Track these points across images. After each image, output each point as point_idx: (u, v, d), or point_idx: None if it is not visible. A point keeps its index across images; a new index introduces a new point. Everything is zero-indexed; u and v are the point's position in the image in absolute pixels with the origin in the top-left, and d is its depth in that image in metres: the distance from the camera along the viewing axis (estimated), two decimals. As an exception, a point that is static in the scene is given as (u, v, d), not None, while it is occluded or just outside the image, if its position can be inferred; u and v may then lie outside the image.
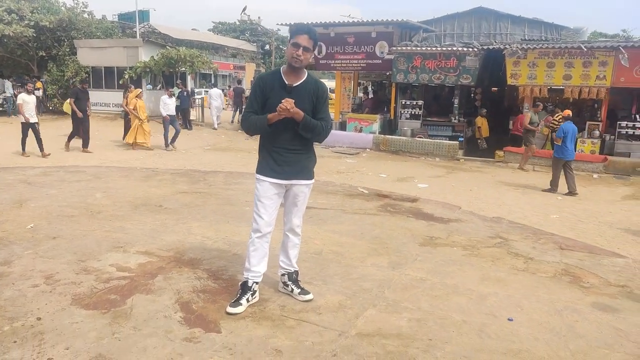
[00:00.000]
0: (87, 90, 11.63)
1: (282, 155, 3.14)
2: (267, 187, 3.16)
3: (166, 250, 4.31)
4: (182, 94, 16.23)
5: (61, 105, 17.61)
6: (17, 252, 4.11)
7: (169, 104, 11.66)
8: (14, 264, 3.84)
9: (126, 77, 17.41)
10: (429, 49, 12.93)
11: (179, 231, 4.91)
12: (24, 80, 19.54)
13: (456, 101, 13.16)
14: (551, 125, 11.17)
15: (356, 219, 5.80)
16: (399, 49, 13.09)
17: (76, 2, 20.35)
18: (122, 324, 2.92)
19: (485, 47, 12.36)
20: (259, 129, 3.12)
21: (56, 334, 2.79)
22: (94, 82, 18.43)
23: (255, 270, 3.24)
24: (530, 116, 10.67)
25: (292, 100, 2.97)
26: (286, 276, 3.43)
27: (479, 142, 13.10)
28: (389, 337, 2.93)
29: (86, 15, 20.72)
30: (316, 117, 3.14)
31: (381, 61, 13.60)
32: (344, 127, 14.08)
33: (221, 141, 14.02)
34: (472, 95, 15.68)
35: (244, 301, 3.18)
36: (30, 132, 9.79)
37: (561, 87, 11.85)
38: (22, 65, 19.73)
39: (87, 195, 6.45)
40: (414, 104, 13.50)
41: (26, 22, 17.64)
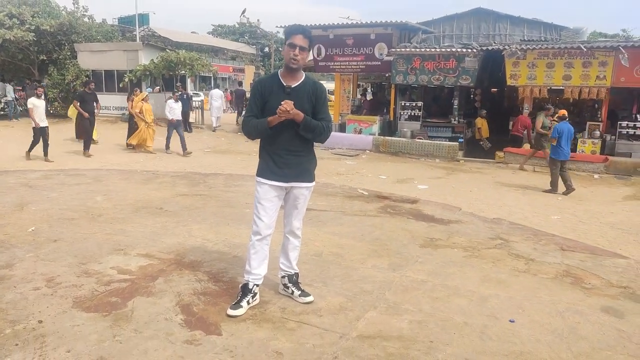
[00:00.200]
0: (94, 92, 11.40)
1: (283, 157, 3.14)
2: (267, 189, 3.17)
3: (167, 252, 4.31)
4: (181, 97, 16.26)
5: (62, 109, 17.64)
6: (18, 255, 4.12)
7: (175, 109, 11.55)
8: (16, 267, 3.85)
9: (126, 80, 17.45)
10: (428, 50, 12.94)
11: (179, 234, 4.91)
12: (24, 84, 19.62)
13: (456, 102, 13.16)
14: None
15: (356, 220, 5.80)
16: (398, 50, 13.09)
17: (77, 6, 20.38)
18: (123, 327, 2.93)
19: (484, 48, 12.36)
20: (260, 132, 3.13)
21: (57, 336, 2.79)
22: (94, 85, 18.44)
23: (255, 272, 3.24)
24: (542, 120, 10.40)
25: (292, 101, 2.98)
26: (286, 278, 3.43)
27: (482, 143, 13.08)
28: (389, 339, 2.93)
29: (86, 19, 20.76)
30: (316, 117, 3.15)
31: (380, 63, 13.62)
32: (343, 128, 14.08)
33: (221, 143, 14.03)
34: (471, 96, 15.68)
35: (245, 303, 3.19)
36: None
37: (561, 87, 11.84)
38: (23, 69, 19.77)
39: (88, 198, 6.46)
40: (414, 105, 13.49)
41: (27, 26, 17.67)
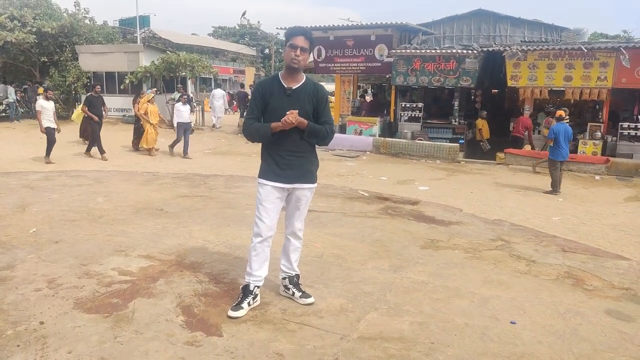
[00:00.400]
0: (100, 95, 11.30)
1: (285, 158, 3.15)
2: (269, 191, 3.17)
3: (167, 254, 4.31)
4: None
5: (63, 110, 17.64)
6: (20, 257, 4.12)
7: (183, 112, 11.39)
8: (17, 268, 3.85)
9: (127, 82, 17.48)
10: (428, 51, 12.94)
11: (180, 235, 4.92)
12: (26, 86, 19.64)
13: (456, 103, 13.15)
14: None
15: (357, 222, 5.80)
16: (399, 51, 13.10)
17: (78, 8, 20.46)
18: (124, 328, 2.93)
19: (485, 49, 12.35)
20: (261, 137, 3.14)
21: (59, 337, 2.79)
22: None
23: (256, 274, 3.25)
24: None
25: (296, 111, 3.01)
26: (287, 279, 3.43)
27: (482, 144, 13.07)
28: (390, 340, 2.92)
29: (87, 21, 20.82)
30: (319, 120, 3.18)
31: (380, 64, 13.62)
32: (343, 130, 14.09)
33: (221, 145, 14.04)
34: (472, 97, 15.67)
35: (246, 305, 3.19)
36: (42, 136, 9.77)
37: (562, 88, 11.84)
38: (24, 71, 19.82)
39: (89, 199, 6.47)
40: (414, 106, 13.48)
41: (28, 28, 17.72)
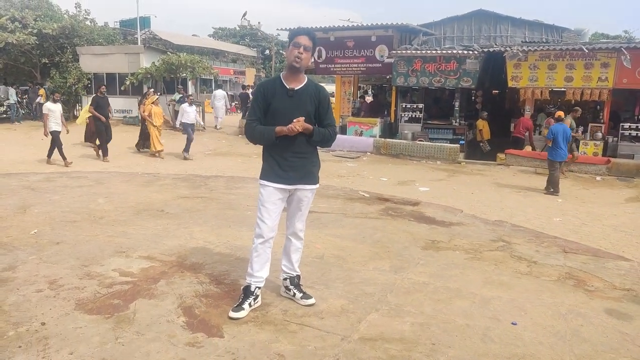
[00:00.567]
0: (105, 96, 11.16)
1: (288, 160, 3.16)
2: (271, 192, 3.17)
3: (168, 255, 4.32)
4: (183, 99, 16.28)
5: (64, 111, 17.63)
6: (21, 258, 4.13)
7: (190, 113, 11.43)
8: (19, 269, 3.86)
9: (127, 83, 17.49)
10: (429, 52, 12.95)
11: (180, 236, 4.92)
12: (27, 87, 19.67)
13: (457, 104, 13.16)
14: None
15: (357, 222, 5.80)
16: (399, 52, 13.11)
17: (79, 9, 20.49)
18: (125, 329, 2.93)
19: (485, 50, 12.36)
20: (265, 140, 3.16)
21: (60, 338, 2.80)
22: (95, 88, 18.46)
23: (257, 275, 3.25)
24: (570, 122, 10.10)
25: (302, 118, 3.05)
26: (288, 280, 3.43)
27: (482, 145, 13.07)
28: (391, 341, 2.92)
29: (88, 22, 20.85)
30: (323, 123, 3.21)
31: (381, 65, 13.63)
32: (344, 130, 14.09)
33: (222, 146, 14.04)
34: (472, 98, 15.68)
35: (247, 306, 3.19)
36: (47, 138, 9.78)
37: (563, 89, 11.84)
38: (25, 72, 19.84)
39: (90, 200, 6.47)
40: (415, 107, 13.49)
41: (29, 29, 17.75)
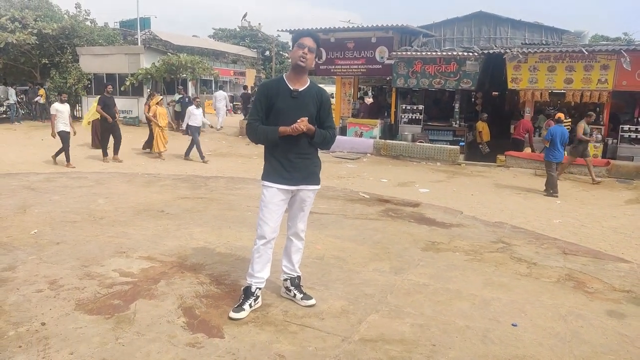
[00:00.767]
0: (112, 95, 10.97)
1: (291, 161, 3.16)
2: (274, 193, 3.17)
3: (168, 255, 4.32)
4: (183, 100, 16.29)
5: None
6: (21, 258, 4.13)
7: (197, 115, 11.14)
8: (19, 269, 3.86)
9: (127, 84, 17.49)
10: (429, 53, 12.95)
11: (181, 236, 4.92)
12: (27, 87, 19.67)
13: (457, 106, 13.17)
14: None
15: (357, 224, 5.80)
16: (399, 54, 13.12)
17: (79, 10, 20.52)
18: (125, 329, 2.93)
19: (485, 52, 12.37)
20: (268, 140, 3.16)
21: (60, 339, 2.80)
22: (95, 89, 18.51)
23: (258, 276, 3.25)
24: (583, 127, 9.91)
25: (306, 118, 3.05)
26: (289, 281, 3.43)
27: (481, 146, 13.09)
28: (391, 342, 2.92)
29: (88, 22, 20.88)
30: (323, 125, 3.22)
31: (381, 66, 13.64)
32: (344, 132, 14.09)
33: (222, 146, 14.05)
34: (472, 99, 15.70)
35: (247, 306, 3.19)
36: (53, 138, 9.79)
37: (562, 91, 11.85)
38: (25, 72, 19.85)
39: (90, 201, 6.47)
40: (415, 108, 13.50)
41: (29, 30, 17.77)
